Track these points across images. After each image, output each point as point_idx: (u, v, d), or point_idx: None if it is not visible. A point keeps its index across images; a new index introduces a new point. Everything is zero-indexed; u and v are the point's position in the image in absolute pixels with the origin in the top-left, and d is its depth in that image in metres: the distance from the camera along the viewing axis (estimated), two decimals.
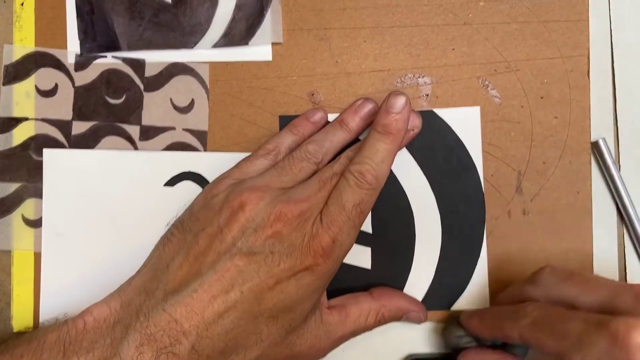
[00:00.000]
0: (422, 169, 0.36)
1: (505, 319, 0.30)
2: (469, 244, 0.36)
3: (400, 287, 0.36)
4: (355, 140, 0.36)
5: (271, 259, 0.29)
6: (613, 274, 0.36)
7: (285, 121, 0.37)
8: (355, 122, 0.35)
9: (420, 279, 0.36)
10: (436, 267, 0.36)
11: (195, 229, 0.31)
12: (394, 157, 0.32)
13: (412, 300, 0.36)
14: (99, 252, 0.37)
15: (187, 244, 0.31)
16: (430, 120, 0.36)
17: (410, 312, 0.35)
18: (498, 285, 0.36)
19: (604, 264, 0.36)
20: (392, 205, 0.36)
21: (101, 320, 0.30)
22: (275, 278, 0.29)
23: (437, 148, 0.36)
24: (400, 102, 0.32)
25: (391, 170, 0.36)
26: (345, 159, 0.32)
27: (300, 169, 0.32)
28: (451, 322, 0.35)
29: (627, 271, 0.36)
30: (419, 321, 0.36)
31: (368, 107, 0.35)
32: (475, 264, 0.36)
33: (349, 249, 0.31)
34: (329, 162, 0.34)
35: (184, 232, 0.31)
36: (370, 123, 0.35)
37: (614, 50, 0.36)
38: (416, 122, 0.35)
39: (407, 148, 0.36)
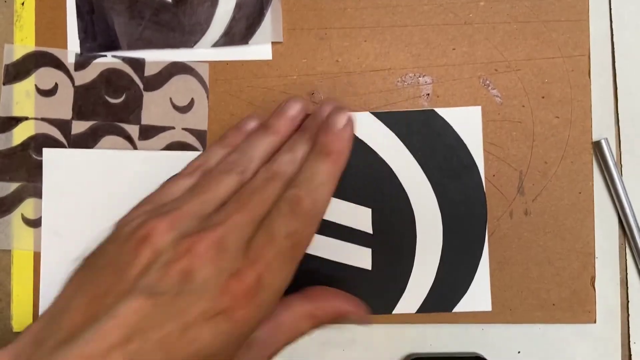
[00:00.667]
0: (422, 168, 0.36)
1: None
2: (471, 245, 0.36)
3: (402, 288, 0.36)
4: None
5: (180, 301, 0.23)
6: (614, 274, 0.36)
7: None
8: (281, 123, 0.31)
9: (421, 280, 0.36)
10: (437, 268, 0.36)
11: (98, 264, 0.26)
12: (337, 181, 0.28)
13: (350, 300, 0.30)
14: None
15: (88, 282, 0.25)
16: (431, 119, 0.36)
17: (348, 313, 0.30)
18: (500, 286, 0.36)
19: (606, 264, 0.36)
20: (392, 206, 0.36)
21: None
22: (184, 325, 0.23)
23: (438, 148, 0.36)
24: (342, 118, 0.29)
25: (391, 170, 0.36)
26: (264, 171, 0.28)
27: (220, 183, 0.28)
28: None
29: (627, 271, 0.36)
30: (361, 323, 0.31)
31: (296, 107, 0.31)
32: (477, 265, 0.36)
33: (281, 290, 0.26)
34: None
35: (86, 267, 0.26)
36: (299, 124, 0.31)
37: (615, 50, 0.36)
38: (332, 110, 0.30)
39: (407, 148, 0.36)
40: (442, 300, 0.36)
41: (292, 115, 0.31)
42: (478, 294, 0.36)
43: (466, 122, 0.36)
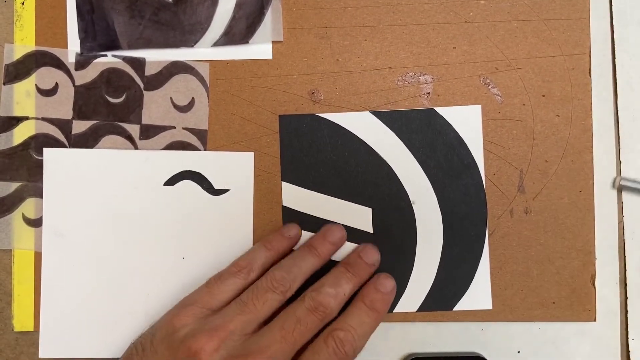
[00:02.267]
0: (423, 167, 0.36)
1: None
2: (471, 244, 0.36)
3: (402, 287, 0.36)
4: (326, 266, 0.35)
5: None
6: (614, 274, 0.36)
7: (285, 120, 0.37)
8: (325, 247, 0.34)
9: (422, 279, 0.36)
10: (438, 266, 0.36)
11: None
12: (370, 336, 0.32)
13: None
14: (99, 251, 0.37)
15: None
16: (432, 118, 0.36)
17: None
18: (500, 285, 0.36)
19: (606, 263, 0.36)
20: (393, 205, 0.36)
21: None
22: None
23: (438, 147, 0.36)
24: (390, 284, 0.33)
25: (392, 169, 0.36)
26: (309, 300, 0.31)
27: (265, 302, 0.31)
28: None
29: (627, 271, 0.36)
30: None
31: (337, 234, 0.35)
32: (478, 264, 0.36)
33: None
34: (297, 290, 0.32)
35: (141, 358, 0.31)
36: (338, 248, 0.35)
37: (615, 48, 0.36)
38: (376, 257, 0.35)
39: (408, 147, 0.36)
40: (442, 298, 0.36)
41: (334, 242, 0.34)
42: (478, 293, 0.36)
43: (466, 121, 0.36)
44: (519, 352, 0.36)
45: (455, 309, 0.36)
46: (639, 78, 0.36)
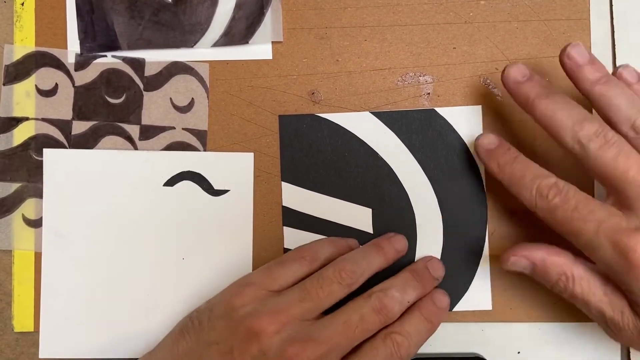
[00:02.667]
0: (423, 168, 0.36)
1: (522, 187, 0.30)
2: (471, 244, 0.36)
3: None
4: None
5: None
6: None
7: (285, 121, 0.37)
8: (391, 250, 0.34)
9: None
10: None
11: (209, 339, 0.30)
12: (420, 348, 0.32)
13: None
14: (99, 252, 0.37)
15: (199, 352, 0.30)
16: (432, 119, 0.36)
17: None
18: (500, 285, 0.36)
19: None
20: (393, 205, 0.36)
21: None
22: None
23: (438, 147, 0.36)
24: (446, 300, 0.33)
25: (392, 170, 0.36)
26: (376, 300, 0.31)
27: (329, 293, 0.31)
28: None
29: None
30: None
31: (402, 242, 0.35)
32: (478, 264, 0.36)
33: None
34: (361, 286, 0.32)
35: (199, 335, 0.31)
36: (399, 257, 0.35)
37: (615, 49, 0.36)
38: (442, 273, 0.35)
39: (408, 147, 0.36)
40: None
41: (398, 249, 0.34)
42: (478, 293, 0.36)
43: (467, 122, 0.36)
44: (519, 352, 0.36)
45: (455, 309, 0.36)
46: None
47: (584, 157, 0.29)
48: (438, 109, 0.36)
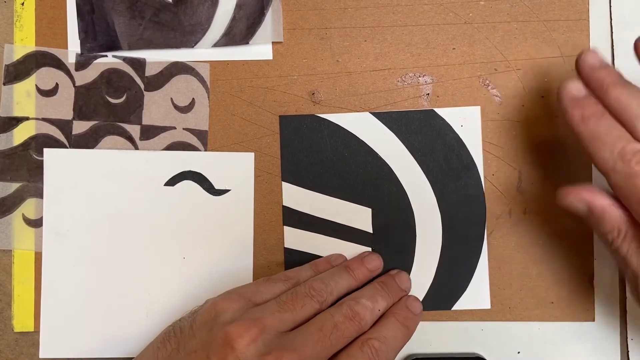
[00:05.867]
0: (422, 168, 0.36)
1: (604, 145, 0.29)
2: (470, 244, 0.36)
3: None
4: None
5: None
6: (612, 274, 0.36)
7: (286, 121, 0.37)
8: (361, 271, 0.35)
9: (420, 279, 0.36)
10: (437, 267, 0.36)
11: (188, 347, 0.30)
12: (399, 352, 0.33)
13: None
14: (99, 252, 0.37)
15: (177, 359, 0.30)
16: (431, 119, 0.36)
17: None
18: (499, 285, 0.36)
19: (604, 263, 0.36)
20: (392, 205, 0.36)
21: None
22: None
23: (437, 147, 0.36)
24: (419, 306, 0.34)
25: (391, 170, 0.36)
26: (347, 308, 0.31)
27: (303, 306, 0.31)
28: None
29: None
30: None
31: (375, 262, 0.35)
32: (476, 264, 0.36)
33: None
34: (332, 304, 0.33)
35: (179, 343, 0.31)
36: (374, 276, 0.35)
37: (614, 50, 0.36)
38: (408, 285, 0.36)
39: (407, 148, 0.36)
40: (441, 298, 0.36)
41: (371, 269, 0.35)
42: (477, 293, 0.36)
43: (466, 122, 0.36)
44: (518, 352, 0.36)
45: (453, 308, 0.36)
46: (638, 80, 0.36)
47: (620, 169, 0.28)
48: (437, 110, 0.37)
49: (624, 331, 0.36)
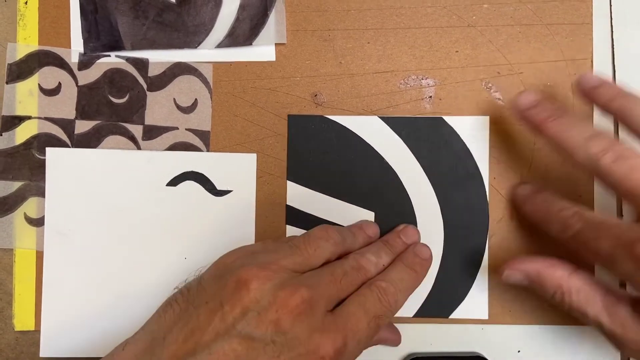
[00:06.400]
0: (428, 175, 0.36)
1: (553, 223, 0.31)
2: (471, 253, 0.36)
3: None
4: None
5: (272, 349, 0.26)
6: (613, 279, 0.36)
7: (294, 120, 0.37)
8: (361, 236, 0.35)
9: (419, 287, 0.36)
10: (436, 275, 0.36)
11: (198, 300, 0.29)
12: (409, 296, 0.33)
13: (392, 330, 0.36)
14: (101, 251, 0.37)
15: (188, 315, 0.28)
16: (439, 127, 0.36)
17: (387, 340, 0.36)
18: (499, 288, 0.36)
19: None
20: (395, 210, 0.36)
21: None
22: None
23: (444, 156, 0.36)
24: (427, 251, 0.34)
25: (396, 175, 0.36)
26: (353, 260, 0.31)
27: (316, 248, 0.31)
28: None
29: None
30: (394, 345, 0.37)
31: (372, 229, 0.36)
32: (476, 274, 0.36)
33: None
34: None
35: (187, 301, 0.29)
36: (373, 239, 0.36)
37: (615, 52, 0.36)
38: (416, 237, 0.36)
39: (414, 154, 0.36)
40: (439, 306, 0.36)
41: (370, 235, 0.35)
42: (475, 303, 0.36)
43: (474, 132, 0.36)
44: (519, 351, 0.36)
45: (451, 317, 0.36)
46: (638, 82, 0.36)
47: (598, 173, 0.29)
48: (446, 118, 0.36)
49: None
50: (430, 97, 0.37)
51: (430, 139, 0.36)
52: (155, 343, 0.28)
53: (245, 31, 0.37)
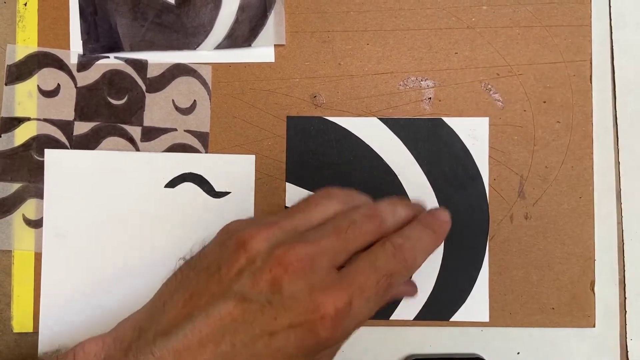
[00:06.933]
0: (427, 177, 0.36)
1: None
2: (471, 255, 0.36)
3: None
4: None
5: (268, 310, 0.25)
6: (613, 279, 0.36)
7: (293, 122, 0.37)
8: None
9: (420, 288, 0.36)
10: (437, 277, 0.36)
11: (198, 266, 0.28)
12: (427, 257, 0.29)
13: (408, 283, 0.35)
14: (99, 253, 0.37)
15: (188, 281, 0.28)
16: (439, 128, 0.36)
17: (405, 293, 0.34)
18: (500, 290, 0.36)
19: (605, 268, 0.36)
20: None
21: (91, 355, 0.27)
22: (270, 334, 0.25)
23: (444, 157, 0.36)
24: (446, 214, 0.30)
25: (396, 176, 0.36)
26: (366, 208, 0.29)
27: (317, 206, 0.29)
28: None
29: (625, 275, 0.36)
30: (410, 297, 0.35)
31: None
32: (477, 276, 0.36)
33: (361, 323, 0.27)
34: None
35: (189, 267, 0.29)
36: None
37: (614, 53, 0.36)
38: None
39: (414, 155, 0.36)
40: (439, 309, 0.36)
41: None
42: (476, 305, 0.36)
43: (473, 133, 0.36)
44: (518, 353, 0.36)
45: (451, 319, 0.36)
46: (637, 83, 0.36)
47: None
48: (446, 119, 0.36)
49: (624, 336, 0.36)
50: (430, 98, 0.37)
51: (430, 141, 0.36)
52: (155, 310, 0.28)
53: (244, 32, 0.37)
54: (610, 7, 0.36)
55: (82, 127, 0.37)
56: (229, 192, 0.37)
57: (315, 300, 0.25)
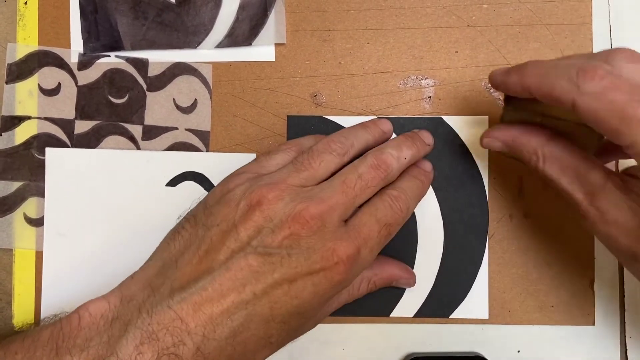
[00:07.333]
0: None
1: (559, 77, 0.27)
2: (471, 253, 0.36)
3: (400, 293, 0.36)
4: None
5: (288, 261, 0.27)
6: (613, 278, 0.36)
7: (293, 121, 0.37)
8: (377, 130, 0.34)
9: (420, 286, 0.36)
10: (437, 275, 0.36)
11: (208, 223, 0.29)
12: (419, 202, 0.33)
13: (403, 267, 0.36)
14: (100, 251, 0.37)
15: (199, 238, 0.29)
16: (438, 127, 0.36)
17: (400, 278, 0.35)
18: (499, 288, 0.36)
19: (605, 267, 0.36)
20: None
21: (98, 316, 0.28)
22: (290, 282, 0.27)
23: (443, 155, 0.36)
24: (429, 165, 0.34)
25: None
26: (372, 158, 0.31)
27: (321, 162, 0.30)
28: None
29: (624, 273, 0.36)
30: (408, 286, 0.36)
31: (387, 125, 0.34)
32: (477, 273, 0.36)
33: (365, 268, 0.30)
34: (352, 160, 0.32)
35: (196, 226, 0.30)
36: (386, 139, 0.34)
37: (612, 46, 0.36)
38: (431, 140, 0.34)
39: None
40: (439, 306, 0.36)
41: (385, 130, 0.34)
42: (475, 303, 0.36)
43: (473, 131, 0.36)
44: (518, 351, 0.36)
45: (451, 317, 0.36)
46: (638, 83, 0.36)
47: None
48: (445, 118, 0.36)
49: (624, 334, 0.36)
50: (430, 97, 0.37)
51: None
52: (166, 267, 0.29)
53: (244, 31, 0.37)
54: (609, 7, 0.36)
55: (83, 126, 0.37)
56: None
57: (330, 247, 0.28)
